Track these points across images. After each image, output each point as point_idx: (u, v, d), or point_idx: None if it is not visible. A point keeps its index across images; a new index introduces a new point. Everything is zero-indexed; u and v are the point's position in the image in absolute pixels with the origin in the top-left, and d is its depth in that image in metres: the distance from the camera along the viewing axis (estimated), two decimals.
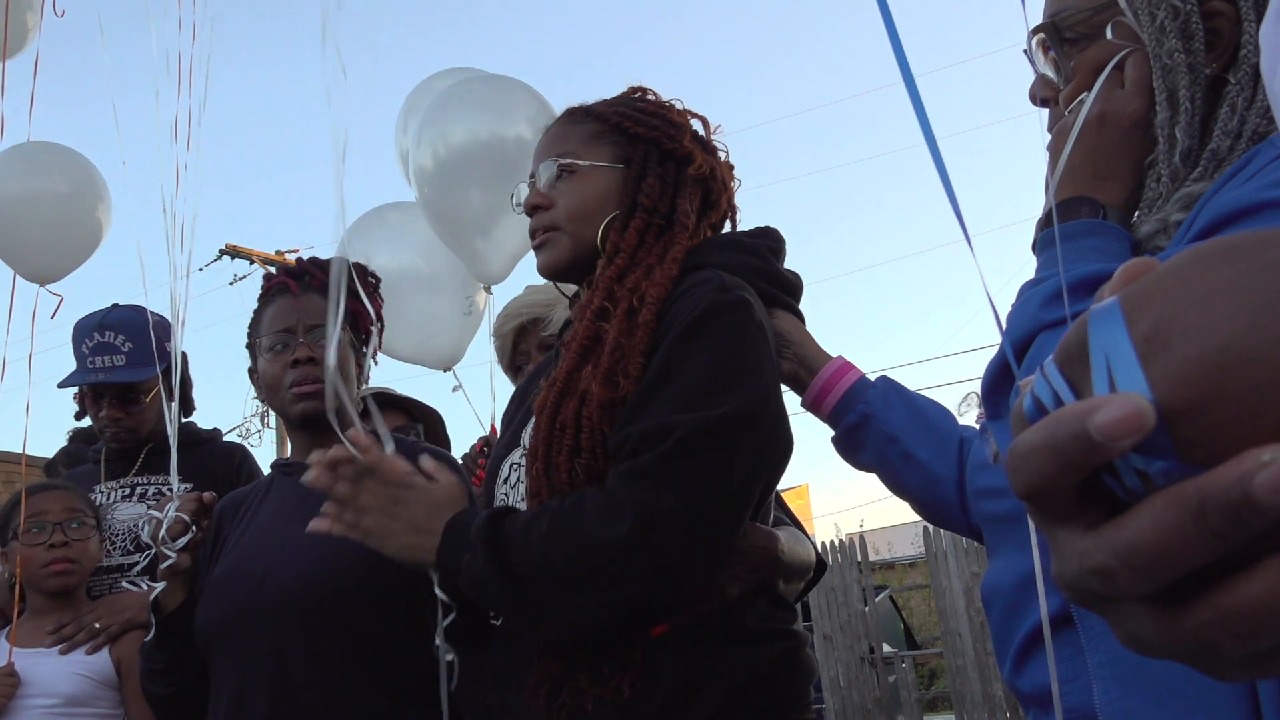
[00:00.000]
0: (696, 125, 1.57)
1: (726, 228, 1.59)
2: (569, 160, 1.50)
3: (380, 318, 2.12)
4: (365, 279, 2.09)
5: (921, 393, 1.49)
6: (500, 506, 1.32)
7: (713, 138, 1.58)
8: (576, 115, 1.57)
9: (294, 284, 1.97)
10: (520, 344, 2.53)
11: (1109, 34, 1.02)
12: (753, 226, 1.59)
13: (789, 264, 1.59)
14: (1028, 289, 0.97)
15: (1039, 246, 1.02)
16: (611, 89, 1.61)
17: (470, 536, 1.27)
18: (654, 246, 1.45)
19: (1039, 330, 0.89)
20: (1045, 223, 1.03)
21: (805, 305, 1.59)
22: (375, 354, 2.11)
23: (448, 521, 1.32)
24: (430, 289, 3.05)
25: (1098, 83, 1.01)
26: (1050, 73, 1.10)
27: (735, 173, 1.59)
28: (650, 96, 1.58)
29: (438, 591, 1.37)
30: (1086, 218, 0.99)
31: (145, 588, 1.83)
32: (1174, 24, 0.95)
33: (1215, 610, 0.35)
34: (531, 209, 1.51)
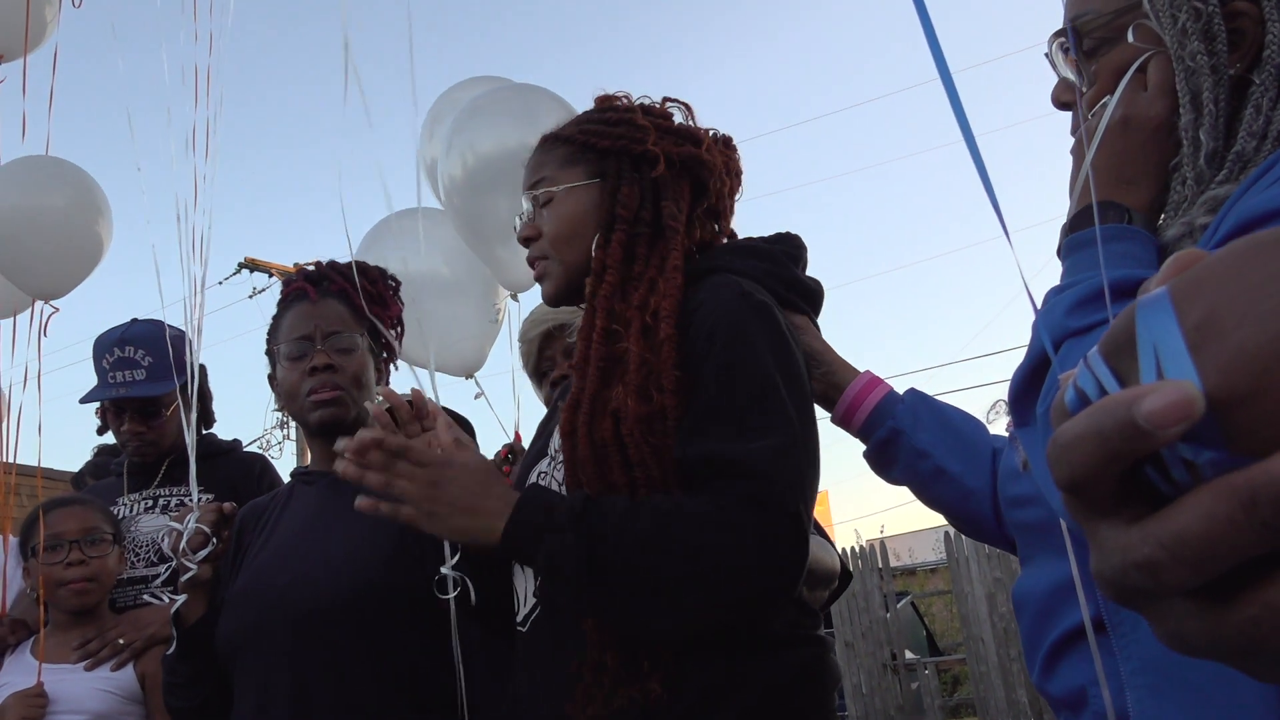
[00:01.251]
0: (676, 114, 1.56)
1: (733, 230, 1.58)
2: (543, 189, 1.52)
3: (400, 322, 2.12)
4: (384, 282, 2.09)
5: (947, 399, 1.49)
6: (584, 493, 1.29)
7: (692, 121, 1.56)
8: (548, 142, 1.58)
9: (312, 290, 1.98)
10: (546, 350, 2.53)
11: (1130, 37, 1.01)
12: (773, 233, 1.59)
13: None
14: (1053, 295, 0.96)
15: (1064, 252, 1.01)
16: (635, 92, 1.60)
17: (558, 519, 1.25)
18: (649, 257, 1.44)
19: (1064, 338, 0.88)
20: (1070, 228, 1.02)
21: (828, 310, 1.60)
22: (395, 359, 2.11)
23: (519, 501, 1.29)
24: (452, 294, 3.04)
25: (1120, 86, 1.00)
26: (1071, 76, 1.09)
27: (735, 144, 1.59)
28: (618, 103, 1.58)
29: (447, 570, 1.40)
30: (1112, 222, 0.98)
31: (167, 600, 1.84)
32: (1196, 26, 0.94)
33: (1264, 605, 0.34)
34: (524, 241, 1.54)
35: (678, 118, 1.56)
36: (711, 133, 1.57)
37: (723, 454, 1.24)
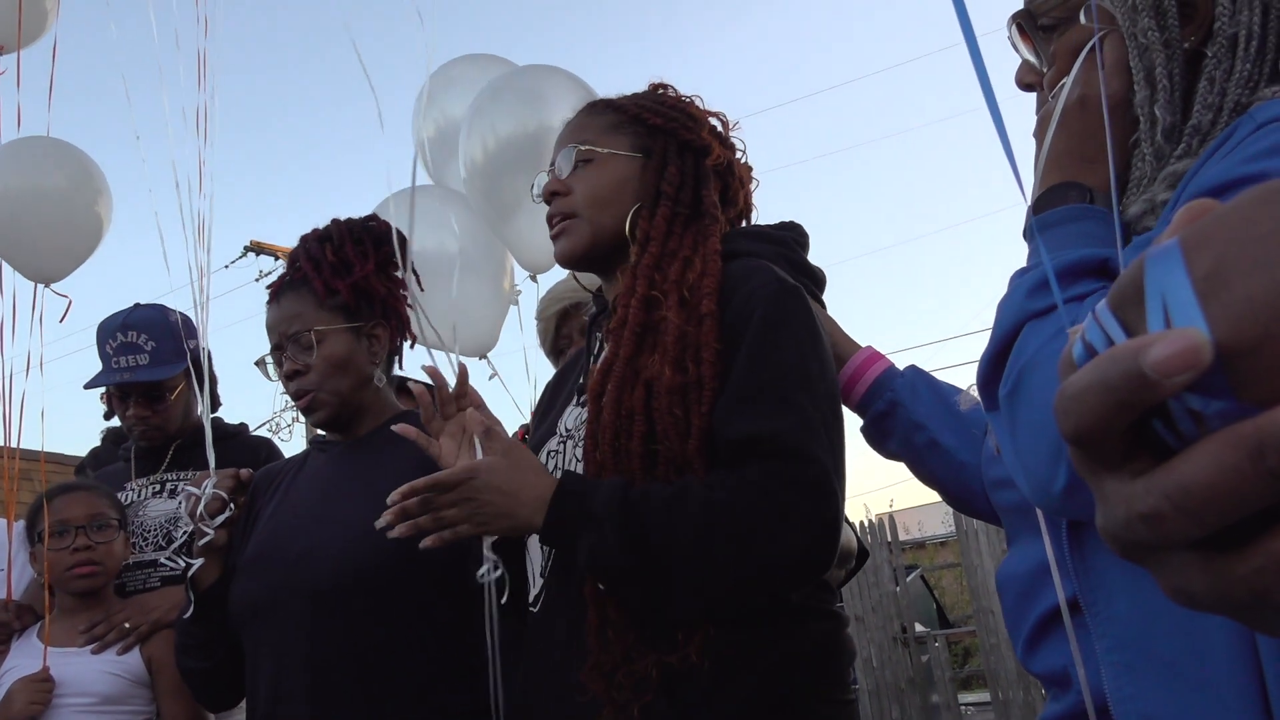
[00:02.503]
0: (715, 122, 1.59)
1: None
2: (587, 148, 1.52)
3: (385, 270, 1.97)
4: (350, 243, 1.93)
5: (949, 375, 1.50)
6: (621, 481, 1.30)
7: (731, 135, 1.60)
8: (597, 107, 1.60)
9: (273, 292, 1.94)
10: (563, 328, 2.54)
11: (1083, 18, 1.01)
12: (779, 221, 1.62)
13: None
14: (1017, 278, 0.96)
15: (1028, 234, 1.01)
16: (641, 75, 1.64)
17: (597, 512, 1.26)
18: (684, 236, 1.47)
19: (1025, 320, 0.88)
20: (1034, 209, 1.02)
21: (828, 286, 1.62)
22: (392, 310, 1.96)
23: (554, 496, 1.30)
24: (464, 274, 3.01)
25: (1075, 66, 0.99)
26: (1032, 58, 1.09)
27: (754, 173, 1.62)
28: (670, 92, 1.61)
29: (487, 553, 1.42)
30: (1074, 203, 0.98)
31: (183, 564, 1.86)
32: (1146, 2, 0.94)
33: (1269, 555, 0.33)
34: (550, 195, 1.54)
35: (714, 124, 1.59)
36: (742, 153, 1.60)
37: (762, 432, 1.26)
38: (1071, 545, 0.94)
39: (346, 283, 1.88)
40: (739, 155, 1.59)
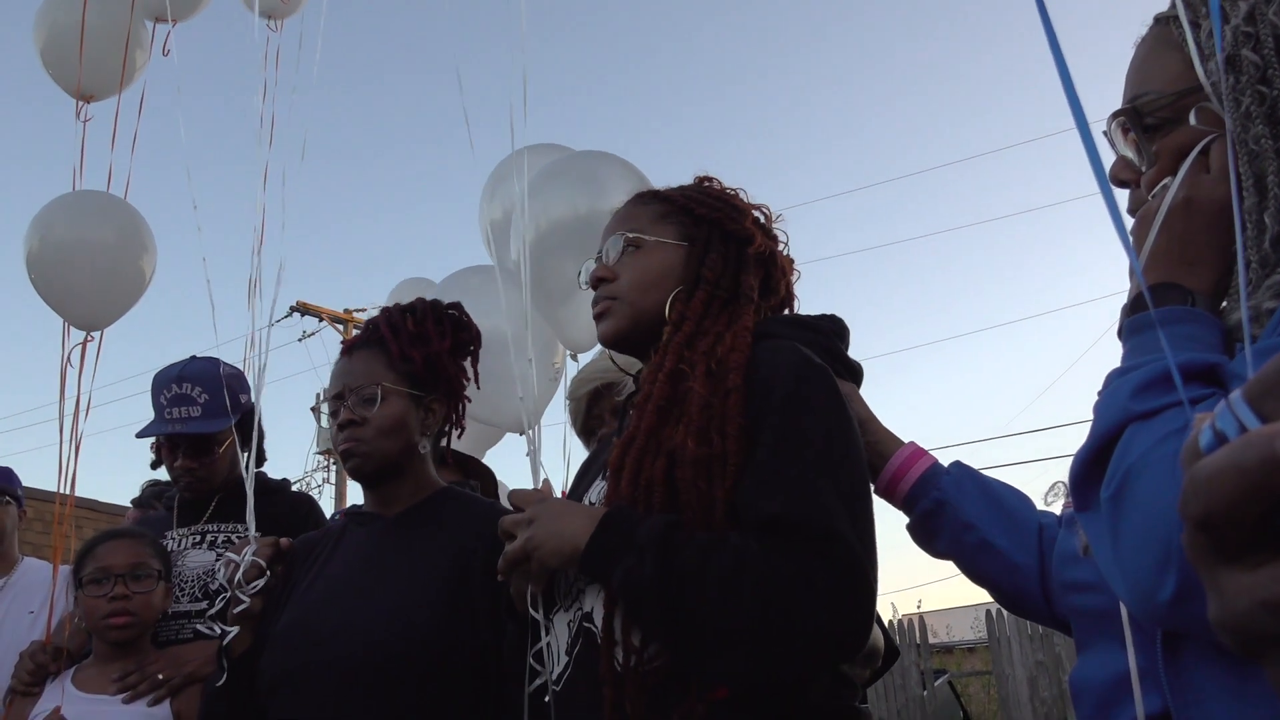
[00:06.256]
0: (759, 214, 1.63)
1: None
2: (635, 235, 1.57)
3: (459, 352, 2.07)
4: (430, 320, 2.03)
5: (994, 476, 1.47)
6: (668, 516, 1.30)
7: (774, 227, 1.65)
8: (645, 197, 1.66)
9: (348, 346, 2.03)
10: (594, 408, 2.54)
11: (1193, 119, 1.00)
12: (818, 313, 1.64)
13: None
14: (1115, 377, 0.94)
15: (1125, 333, 1.00)
16: (695, 159, 1.68)
17: (639, 539, 1.27)
18: (719, 316, 1.50)
19: (1128, 421, 0.87)
20: (1130, 309, 1.01)
21: (870, 381, 1.62)
22: (453, 389, 2.05)
23: (603, 518, 1.32)
24: (510, 351, 3.04)
25: (1183, 168, 0.99)
26: (1131, 155, 1.08)
27: (795, 265, 1.65)
28: (716, 184, 1.67)
29: (530, 596, 1.44)
30: (1174, 304, 0.97)
31: (218, 631, 1.85)
32: (1260, 109, 0.93)
33: None
34: (597, 281, 1.58)
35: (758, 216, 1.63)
36: (784, 245, 1.64)
37: (787, 513, 1.25)
38: (1166, 655, 0.91)
39: (421, 352, 1.96)
40: (781, 247, 1.63)
